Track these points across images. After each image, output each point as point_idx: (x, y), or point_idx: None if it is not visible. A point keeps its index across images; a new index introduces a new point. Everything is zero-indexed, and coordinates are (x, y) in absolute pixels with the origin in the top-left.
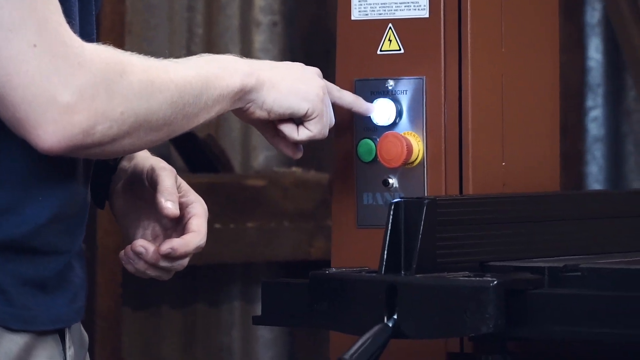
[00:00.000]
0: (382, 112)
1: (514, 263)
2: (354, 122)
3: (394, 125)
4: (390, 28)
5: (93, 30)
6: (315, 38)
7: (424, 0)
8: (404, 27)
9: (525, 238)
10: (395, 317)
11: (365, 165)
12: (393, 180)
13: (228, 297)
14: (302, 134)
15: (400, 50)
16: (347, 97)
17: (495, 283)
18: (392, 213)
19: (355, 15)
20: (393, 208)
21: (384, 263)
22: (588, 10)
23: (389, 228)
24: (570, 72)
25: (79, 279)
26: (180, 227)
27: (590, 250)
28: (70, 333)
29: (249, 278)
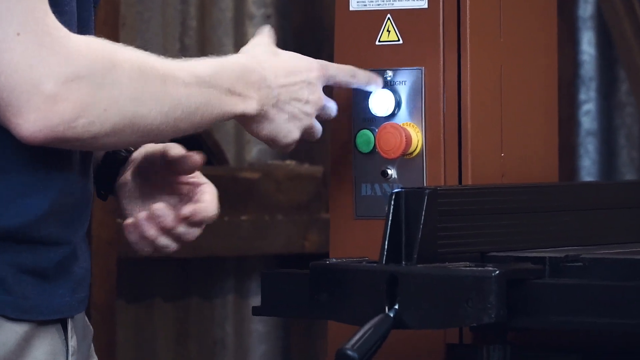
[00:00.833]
0: (380, 102)
1: (515, 253)
2: (352, 113)
3: (393, 116)
4: (389, 19)
5: (91, 19)
6: (309, 31)
7: None
8: (403, 17)
9: (526, 228)
10: (397, 307)
11: (364, 156)
12: (392, 171)
13: (222, 290)
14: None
15: (399, 41)
16: (361, 77)
17: (497, 273)
18: (392, 203)
19: (354, 6)
20: (394, 198)
21: (385, 253)
22: (581, 4)
23: (390, 218)
24: (563, 65)
25: (83, 270)
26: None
27: (591, 241)
28: (73, 323)
29: (243, 271)
